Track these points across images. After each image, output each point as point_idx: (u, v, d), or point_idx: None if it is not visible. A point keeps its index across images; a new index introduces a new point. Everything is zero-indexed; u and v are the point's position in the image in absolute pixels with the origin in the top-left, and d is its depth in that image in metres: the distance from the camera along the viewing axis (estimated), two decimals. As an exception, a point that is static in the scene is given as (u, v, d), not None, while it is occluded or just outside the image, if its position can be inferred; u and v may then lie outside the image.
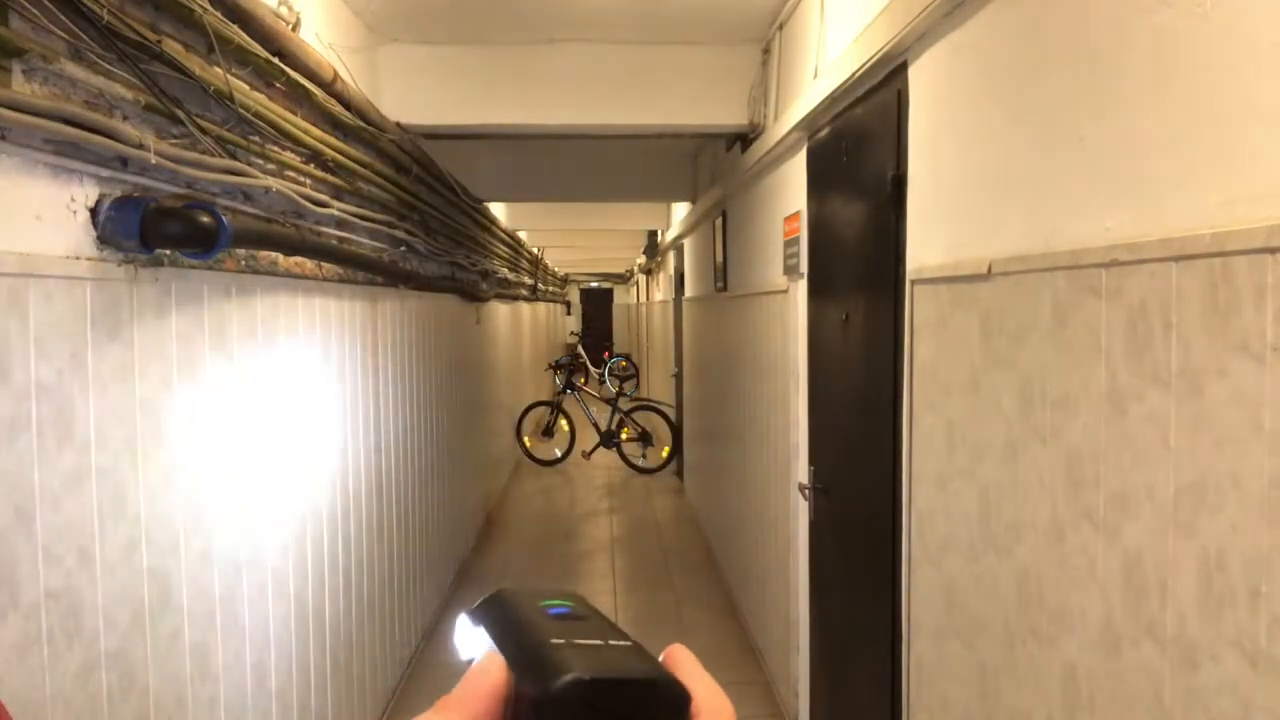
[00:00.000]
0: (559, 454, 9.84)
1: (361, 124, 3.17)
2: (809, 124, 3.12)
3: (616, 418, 9.81)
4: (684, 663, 0.38)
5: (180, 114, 1.89)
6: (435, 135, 4.19)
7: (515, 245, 8.46)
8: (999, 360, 1.74)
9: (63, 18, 1.52)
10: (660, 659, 0.39)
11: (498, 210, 8.01)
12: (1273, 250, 1.04)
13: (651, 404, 9.89)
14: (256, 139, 2.32)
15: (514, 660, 0.37)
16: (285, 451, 2.64)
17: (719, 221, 5.43)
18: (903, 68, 2.25)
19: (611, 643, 0.38)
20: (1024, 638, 1.66)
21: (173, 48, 1.86)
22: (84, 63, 1.61)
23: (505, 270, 7.69)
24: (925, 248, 2.14)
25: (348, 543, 3.26)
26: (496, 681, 0.36)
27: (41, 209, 1.55)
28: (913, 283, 2.18)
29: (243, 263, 2.32)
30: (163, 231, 1.75)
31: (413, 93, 3.88)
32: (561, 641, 0.37)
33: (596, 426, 9.98)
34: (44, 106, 1.48)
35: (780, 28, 3.62)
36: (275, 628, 2.55)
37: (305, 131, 2.61)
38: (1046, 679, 1.58)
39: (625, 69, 3.97)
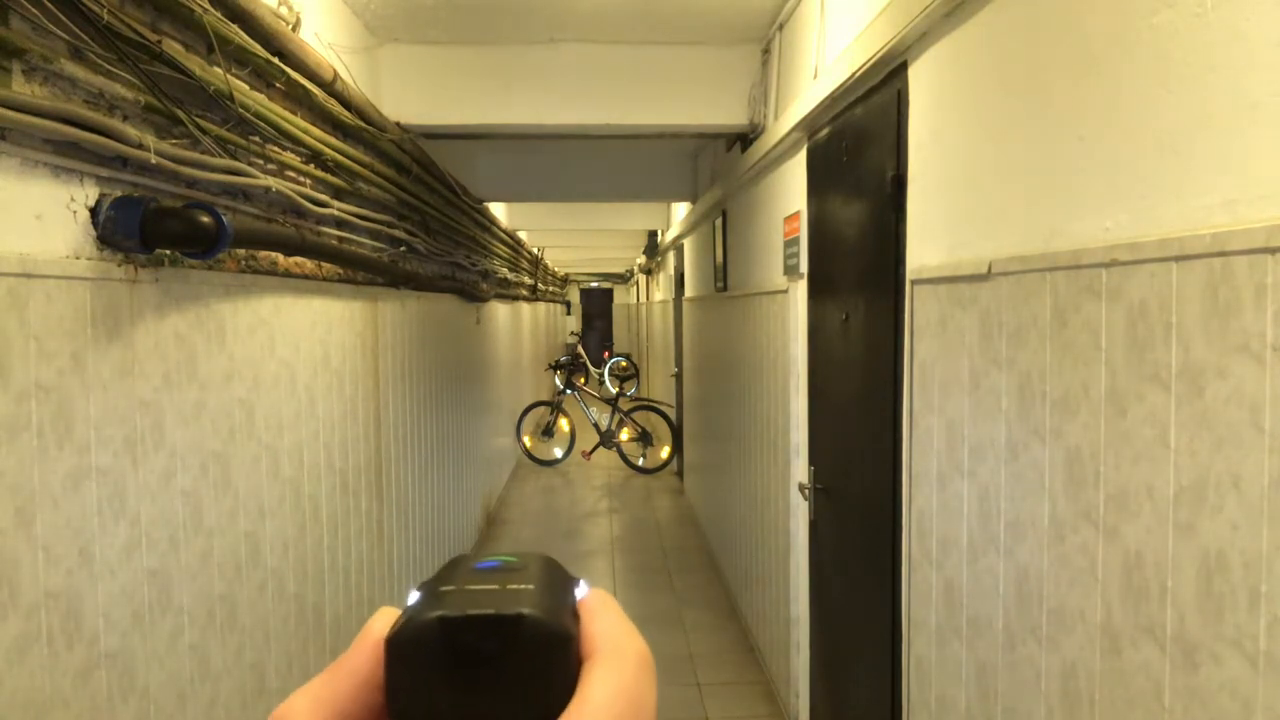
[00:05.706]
0: (559, 454, 9.83)
1: (362, 124, 3.17)
2: (809, 124, 3.12)
3: (616, 418, 9.81)
4: (594, 606, 0.37)
5: (180, 114, 1.89)
6: (435, 135, 4.19)
7: (515, 245, 8.46)
8: (999, 360, 1.74)
9: (63, 18, 1.52)
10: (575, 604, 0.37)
11: (498, 210, 8.01)
12: (1273, 250, 1.04)
13: (651, 404, 9.89)
14: (256, 139, 2.32)
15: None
16: (285, 451, 2.64)
17: (719, 221, 5.43)
18: (903, 68, 2.25)
19: (510, 587, 0.36)
20: (1024, 638, 1.66)
21: (173, 48, 1.86)
22: (84, 63, 1.61)
23: (505, 270, 7.68)
24: (925, 248, 2.14)
25: (347, 543, 3.26)
26: (377, 634, 0.36)
27: (41, 209, 1.55)
28: (913, 283, 2.18)
29: (243, 263, 2.32)
30: (163, 231, 1.75)
31: (413, 93, 3.88)
32: (451, 587, 0.36)
33: (596, 426, 9.98)
34: (44, 106, 1.48)
35: (780, 28, 3.62)
36: (275, 627, 2.55)
37: (305, 131, 2.61)
38: (1046, 679, 1.58)
39: (625, 69, 3.97)
